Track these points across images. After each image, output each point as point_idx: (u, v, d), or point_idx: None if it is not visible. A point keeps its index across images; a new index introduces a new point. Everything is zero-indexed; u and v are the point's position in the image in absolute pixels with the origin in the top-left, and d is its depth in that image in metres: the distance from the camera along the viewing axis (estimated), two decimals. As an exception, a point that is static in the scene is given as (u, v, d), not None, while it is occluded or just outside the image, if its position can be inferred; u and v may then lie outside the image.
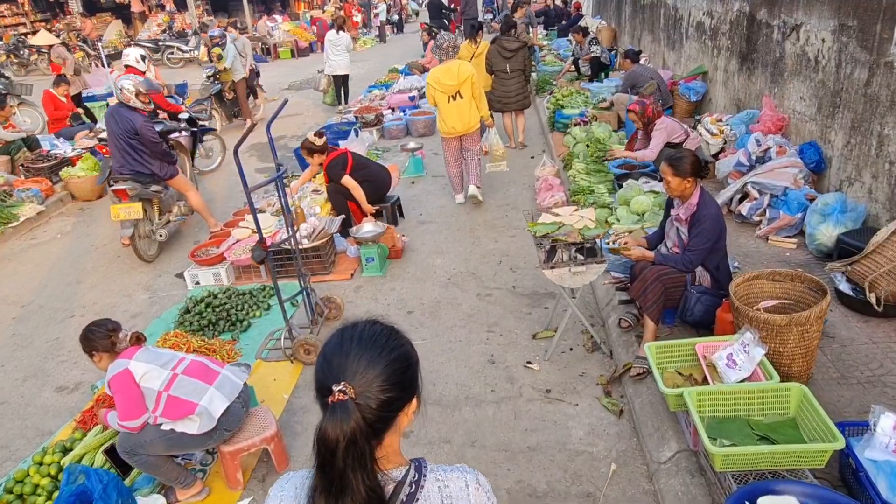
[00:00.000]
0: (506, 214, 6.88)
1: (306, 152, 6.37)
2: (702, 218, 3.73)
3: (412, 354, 1.35)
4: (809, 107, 5.66)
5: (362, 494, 1.15)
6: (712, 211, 3.75)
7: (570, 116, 8.78)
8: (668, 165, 3.80)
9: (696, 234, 3.75)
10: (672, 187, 3.82)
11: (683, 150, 3.87)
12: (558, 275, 3.85)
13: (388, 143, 10.19)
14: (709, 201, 3.79)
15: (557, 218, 4.10)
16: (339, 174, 6.24)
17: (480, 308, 5.07)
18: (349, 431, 1.14)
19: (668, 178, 3.80)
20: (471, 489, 1.29)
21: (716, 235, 3.77)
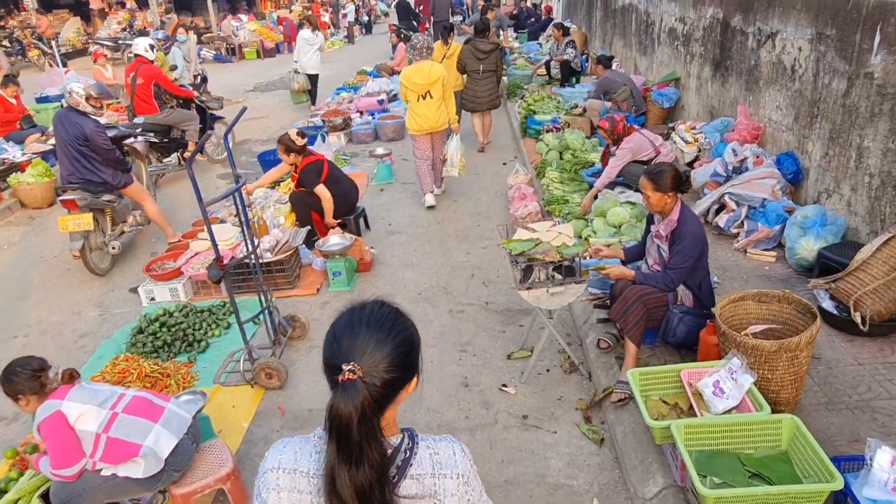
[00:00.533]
0: (478, 224, 6.67)
1: (283, 149, 6.04)
2: (683, 235, 3.56)
3: (416, 337, 1.45)
4: (786, 116, 5.57)
5: (377, 459, 1.28)
6: (693, 228, 3.58)
7: (542, 123, 8.62)
8: (648, 180, 3.62)
9: (677, 251, 3.58)
10: (652, 203, 3.65)
11: (663, 164, 3.70)
12: (535, 296, 3.65)
13: (356, 147, 9.92)
14: (690, 217, 3.63)
15: (533, 234, 3.90)
16: (312, 181, 5.95)
17: (452, 326, 4.84)
18: (359, 407, 1.25)
19: (648, 192, 3.63)
20: (458, 456, 1.41)
21: (697, 253, 3.60)
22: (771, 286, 4.58)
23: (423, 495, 1.35)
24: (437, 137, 7.06)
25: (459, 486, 1.37)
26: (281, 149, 6.05)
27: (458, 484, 1.37)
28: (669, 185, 3.58)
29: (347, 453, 1.27)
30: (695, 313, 3.69)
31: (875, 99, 4.33)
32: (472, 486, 1.41)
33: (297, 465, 1.37)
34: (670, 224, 3.64)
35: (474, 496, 1.41)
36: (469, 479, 1.41)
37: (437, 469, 1.37)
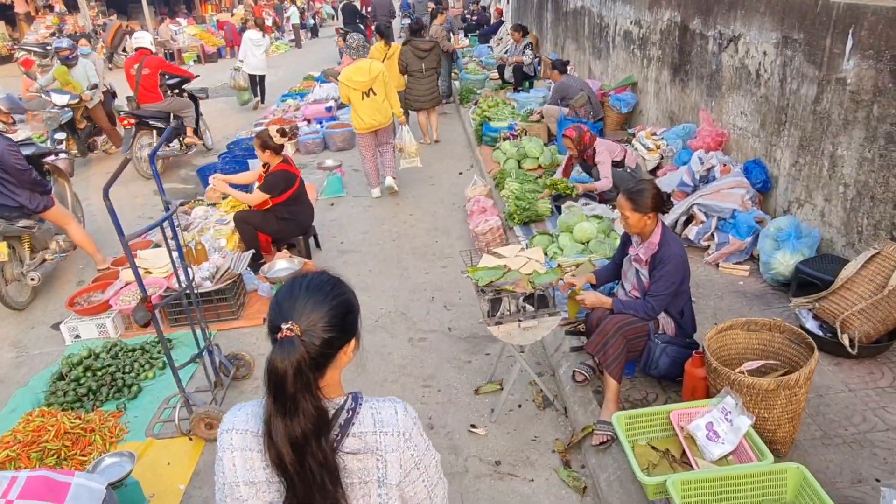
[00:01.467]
0: (436, 240, 6.30)
1: (259, 143, 5.48)
2: (664, 259, 3.27)
3: (353, 303, 1.53)
4: (752, 122, 5.39)
5: (311, 412, 1.35)
6: (676, 251, 3.29)
7: (498, 130, 8.32)
8: (627, 199, 3.32)
9: (659, 277, 3.28)
10: (630, 224, 3.34)
11: (643, 182, 3.40)
12: (505, 331, 3.30)
13: (303, 158, 9.42)
14: (672, 240, 3.34)
15: (500, 260, 3.55)
16: (274, 187, 5.45)
17: (413, 357, 4.46)
18: (295, 362, 1.33)
19: (626, 213, 3.32)
20: (399, 415, 1.47)
21: (680, 279, 3.32)
22: (747, 303, 4.36)
23: (365, 451, 1.42)
24: (381, 133, 7.23)
25: (400, 442, 1.43)
26: (257, 143, 5.54)
27: (398, 440, 1.43)
28: (650, 205, 3.28)
29: (282, 405, 1.34)
30: (678, 343, 3.40)
31: (848, 106, 4.15)
32: (414, 442, 1.46)
33: (247, 426, 1.46)
34: (651, 247, 3.35)
35: (418, 452, 1.46)
36: (411, 435, 1.45)
37: (379, 427, 1.43)
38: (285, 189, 5.50)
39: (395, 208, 7.21)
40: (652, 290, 3.31)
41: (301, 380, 1.33)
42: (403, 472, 1.44)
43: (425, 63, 8.71)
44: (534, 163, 7.37)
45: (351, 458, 1.41)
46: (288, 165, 5.56)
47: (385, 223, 6.83)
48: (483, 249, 5.79)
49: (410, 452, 1.45)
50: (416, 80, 8.80)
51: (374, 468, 1.42)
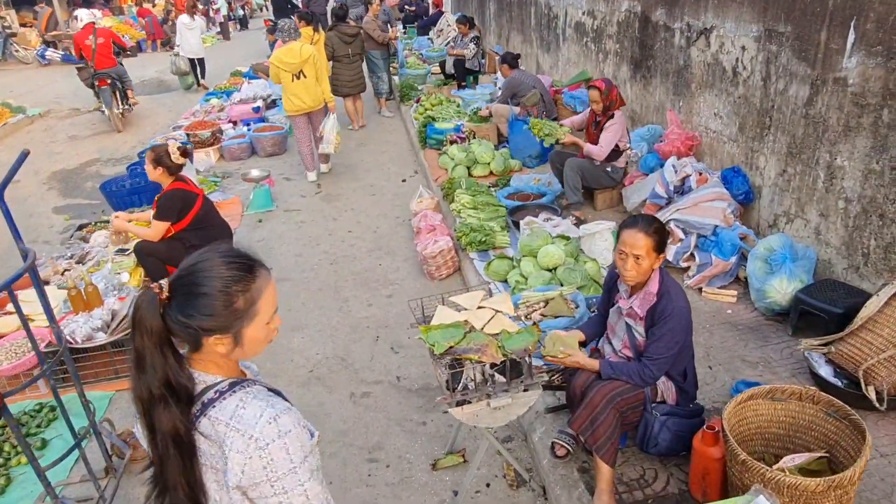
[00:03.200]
0: (379, 263, 5.54)
1: (152, 158, 4.54)
2: (666, 314, 2.62)
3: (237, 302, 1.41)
4: (728, 125, 4.83)
5: (160, 373, 1.33)
6: (680, 304, 2.64)
7: (443, 132, 7.60)
8: (650, 234, 2.56)
9: (659, 336, 2.63)
10: (643, 269, 2.57)
11: (650, 216, 2.72)
12: (471, 413, 2.59)
13: (228, 165, 8.47)
14: (673, 288, 2.69)
15: (460, 315, 2.83)
16: (166, 213, 4.57)
17: (356, 419, 3.71)
18: (146, 316, 1.33)
19: (644, 253, 2.56)
20: (263, 420, 1.33)
21: (684, 336, 2.68)
22: (741, 338, 3.78)
23: (213, 439, 1.35)
24: (314, 116, 7.27)
25: (249, 447, 1.31)
26: (150, 157, 4.58)
27: (247, 444, 1.31)
28: (662, 244, 2.63)
29: (134, 358, 1.35)
30: (681, 413, 2.77)
31: (850, 110, 3.60)
32: (271, 455, 1.31)
33: None
34: (648, 298, 2.69)
35: (275, 469, 1.31)
36: (268, 447, 1.31)
37: (234, 421, 1.34)
38: (184, 211, 4.62)
39: (332, 224, 6.41)
40: (650, 352, 2.66)
41: (150, 337, 1.32)
42: (248, 479, 1.32)
43: (351, 48, 8.78)
44: (485, 169, 6.69)
45: (203, 440, 1.37)
46: (184, 184, 4.68)
47: (321, 242, 6.02)
48: (431, 275, 5.07)
49: (261, 464, 1.31)
50: (343, 65, 8.79)
51: (220, 459, 1.35)
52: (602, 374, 2.75)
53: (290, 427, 1.35)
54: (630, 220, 2.68)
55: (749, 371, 3.49)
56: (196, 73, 13.49)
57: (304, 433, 1.39)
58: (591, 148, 5.41)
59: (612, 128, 5.26)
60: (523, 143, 6.90)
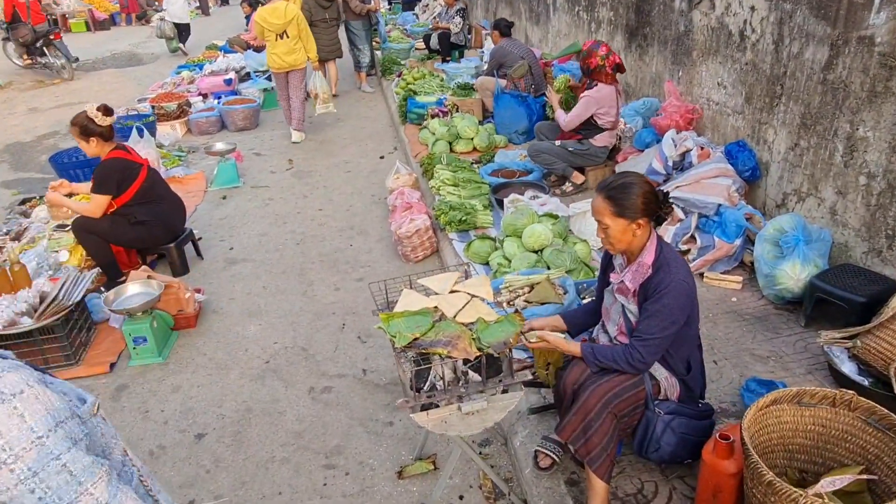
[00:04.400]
0: (350, 244, 5.08)
1: (77, 132, 4.04)
2: (661, 287, 2.20)
3: None
4: (733, 96, 4.40)
5: None
6: (679, 276, 2.22)
7: (425, 105, 7.12)
8: (606, 198, 2.22)
9: (652, 313, 2.21)
10: (611, 236, 2.25)
11: (628, 175, 2.29)
12: (438, 419, 2.15)
13: (196, 140, 7.93)
14: (672, 260, 2.26)
15: (429, 300, 2.39)
16: (109, 182, 4.08)
17: (315, 417, 3.26)
18: None
19: (605, 219, 2.23)
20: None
21: (683, 316, 2.26)
22: (748, 329, 3.38)
23: None
24: (293, 76, 7.26)
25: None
26: (75, 132, 4.08)
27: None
28: (639, 208, 2.20)
29: None
30: (687, 412, 2.35)
31: (877, 73, 3.18)
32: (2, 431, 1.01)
33: None
34: (642, 270, 2.27)
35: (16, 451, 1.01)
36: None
37: None
38: (126, 183, 4.13)
39: (302, 202, 5.93)
40: (639, 331, 2.24)
41: None
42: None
43: (328, 13, 8.67)
44: (468, 145, 6.23)
45: None
46: (124, 152, 4.19)
47: (288, 221, 5.54)
48: (406, 257, 4.62)
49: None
50: (321, 30, 8.53)
51: None
52: (583, 356, 2.33)
53: (19, 387, 1.06)
54: (598, 186, 2.29)
55: (759, 367, 3.09)
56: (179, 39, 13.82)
57: (50, 395, 1.10)
58: (559, 115, 5.13)
59: (583, 99, 4.91)
60: (509, 117, 6.45)
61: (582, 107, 4.87)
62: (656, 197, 2.26)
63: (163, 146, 7.53)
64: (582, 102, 4.87)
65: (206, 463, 3.00)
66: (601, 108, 4.86)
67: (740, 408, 2.82)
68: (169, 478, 2.92)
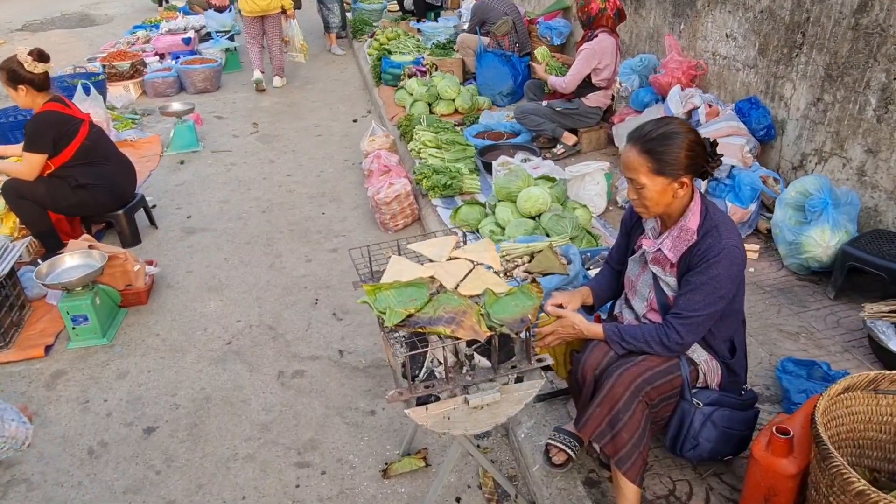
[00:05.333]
0: (322, 212, 4.61)
1: (6, 78, 3.49)
2: (709, 256, 1.81)
3: None
4: (744, 48, 4.02)
5: None
6: (730, 242, 1.83)
7: (401, 65, 6.61)
8: (642, 152, 1.82)
9: (697, 286, 1.83)
10: (647, 197, 1.85)
11: (669, 122, 1.87)
12: (440, 415, 1.74)
13: (152, 102, 7.30)
14: (723, 223, 1.88)
15: (424, 269, 1.96)
16: (44, 139, 3.55)
17: (284, 406, 2.83)
18: None
19: (641, 177, 1.83)
20: None
21: (733, 288, 1.88)
22: (772, 302, 3.03)
23: None
24: (268, 22, 7.17)
25: None
26: (3, 77, 3.52)
27: None
28: (685, 163, 1.80)
29: None
30: (730, 402, 1.99)
31: (922, 13, 2.81)
32: None
33: None
34: (685, 237, 1.88)
35: None
36: None
37: None
38: (63, 140, 3.60)
39: (269, 167, 5.42)
40: (680, 306, 1.86)
41: None
42: None
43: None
44: (449, 106, 5.77)
45: None
46: (61, 105, 3.65)
47: (253, 188, 5.04)
48: (385, 225, 4.18)
49: None
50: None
51: None
52: (607, 339, 1.94)
53: None
54: (630, 134, 1.88)
55: (789, 344, 2.75)
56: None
57: None
58: (554, 81, 4.68)
59: (582, 53, 4.52)
60: (493, 77, 6.01)
61: (582, 61, 4.46)
62: (703, 148, 1.85)
63: (115, 108, 6.92)
64: (581, 56, 4.46)
65: (157, 462, 2.56)
66: (600, 62, 4.45)
67: (775, 391, 2.48)
68: (111, 481, 2.47)
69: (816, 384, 2.30)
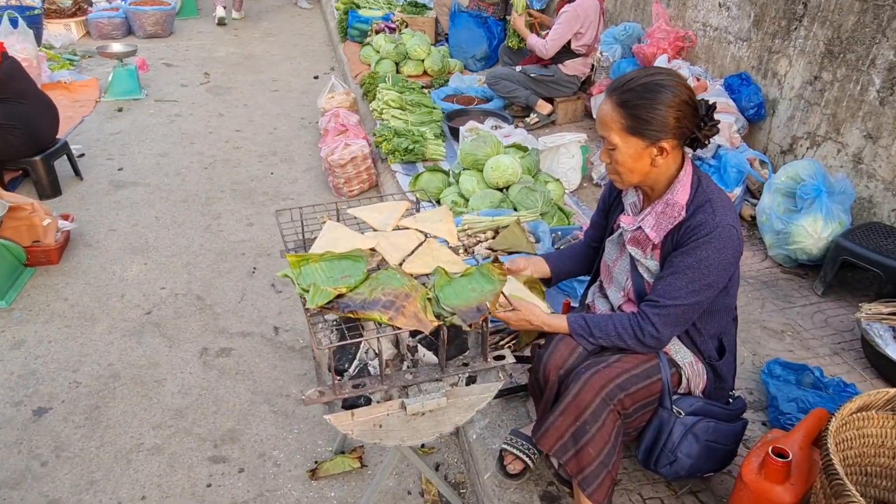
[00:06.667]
0: (270, 172, 4.20)
1: None
2: (698, 234, 1.50)
3: None
4: (738, 19, 3.71)
5: None
6: (725, 219, 1.51)
7: (369, 20, 6.15)
8: (618, 104, 1.49)
9: (680, 269, 1.52)
10: (619, 161, 1.52)
11: (657, 72, 1.52)
12: (369, 423, 1.39)
13: (95, 44, 6.68)
14: (717, 197, 1.56)
15: (364, 239, 1.61)
16: None
17: (204, 389, 2.47)
18: None
19: (613, 136, 1.50)
20: None
21: (724, 277, 1.56)
22: (756, 296, 2.77)
23: None
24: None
25: None
26: None
27: None
28: (670, 124, 1.47)
29: None
30: (715, 412, 1.69)
31: (943, -17, 2.53)
32: None
33: None
34: (670, 213, 1.56)
35: None
36: None
37: None
38: None
39: (217, 121, 4.95)
40: (658, 292, 1.55)
41: None
42: None
43: None
44: (417, 67, 5.35)
45: None
46: None
47: (197, 141, 4.58)
48: (339, 190, 3.81)
49: None
50: None
51: None
52: (572, 332, 1.63)
53: None
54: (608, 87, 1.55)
55: (774, 344, 2.48)
56: None
57: None
58: (534, 42, 4.33)
59: (563, 15, 4.19)
60: (466, 40, 5.61)
61: (564, 25, 4.11)
62: (695, 109, 1.52)
63: (53, 47, 6.32)
64: (562, 19, 4.11)
65: (44, 451, 2.17)
66: (582, 25, 4.11)
67: (759, 396, 2.21)
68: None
69: (808, 393, 2.03)
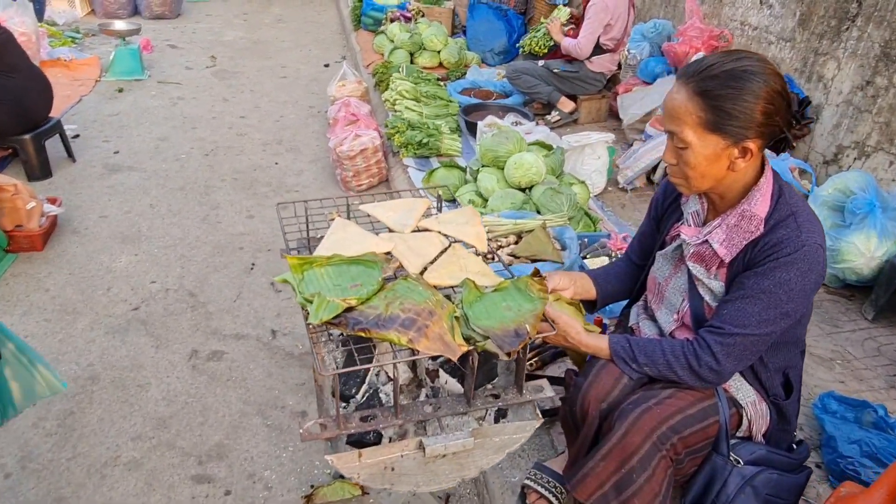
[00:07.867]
0: (275, 162, 3.97)
1: None
2: (779, 252, 1.28)
3: None
4: (781, 18, 3.47)
5: None
6: (812, 238, 1.28)
7: (384, 8, 5.92)
8: (696, 93, 1.25)
9: (753, 293, 1.29)
10: (691, 163, 1.29)
11: (742, 56, 1.28)
12: (379, 465, 1.16)
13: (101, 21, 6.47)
14: (802, 211, 1.33)
15: (378, 240, 1.37)
16: None
17: (192, 397, 2.23)
18: None
19: (686, 132, 1.26)
20: None
21: (804, 305, 1.33)
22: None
23: None
24: None
25: None
26: None
27: None
28: (757, 120, 1.23)
29: None
30: (779, 462, 1.46)
31: None
32: None
33: None
34: (746, 226, 1.33)
35: None
36: None
37: None
38: None
39: (221, 106, 4.72)
40: (723, 317, 1.32)
41: None
42: None
43: None
44: (433, 58, 5.11)
45: None
46: None
47: (199, 126, 4.35)
48: (346, 184, 3.57)
49: None
50: None
51: None
52: (614, 357, 1.39)
53: None
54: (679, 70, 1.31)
55: (822, 373, 2.24)
56: None
57: None
58: (567, 43, 4.07)
59: (592, 8, 3.96)
60: (486, 33, 5.36)
61: (593, 19, 3.88)
62: (787, 104, 1.28)
63: (56, 24, 6.11)
64: (591, 13, 3.88)
65: (8, 461, 1.95)
66: (612, 17, 3.88)
67: (810, 432, 1.97)
68: (-61, 484, 1.86)
69: (872, 434, 1.80)
